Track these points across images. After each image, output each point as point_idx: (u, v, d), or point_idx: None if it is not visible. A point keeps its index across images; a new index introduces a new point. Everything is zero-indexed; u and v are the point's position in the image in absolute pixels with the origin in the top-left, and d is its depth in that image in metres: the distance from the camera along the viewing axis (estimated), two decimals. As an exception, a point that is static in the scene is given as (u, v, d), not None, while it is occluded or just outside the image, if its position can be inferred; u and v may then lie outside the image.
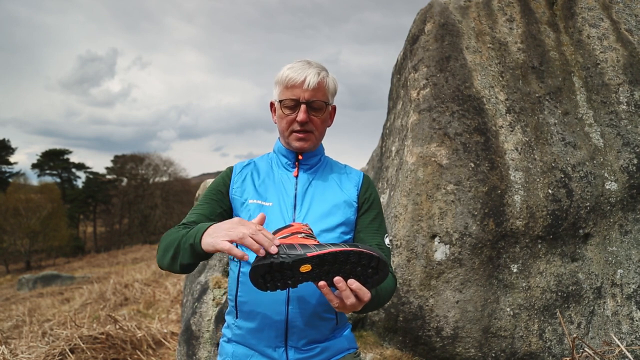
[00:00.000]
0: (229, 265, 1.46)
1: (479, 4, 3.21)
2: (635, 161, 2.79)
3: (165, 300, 7.34)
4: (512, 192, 2.68)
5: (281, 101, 1.35)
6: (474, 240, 2.60)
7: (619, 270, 2.72)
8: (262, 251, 0.97)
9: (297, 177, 1.42)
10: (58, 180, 43.50)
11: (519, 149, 2.78)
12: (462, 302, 2.58)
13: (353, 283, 1.00)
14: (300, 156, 1.43)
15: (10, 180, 39.98)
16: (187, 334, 3.02)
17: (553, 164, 2.76)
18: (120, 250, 33.16)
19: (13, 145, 40.80)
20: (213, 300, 2.98)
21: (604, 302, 2.69)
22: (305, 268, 0.97)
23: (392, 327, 2.79)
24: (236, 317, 1.34)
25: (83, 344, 3.80)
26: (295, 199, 1.37)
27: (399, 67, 3.60)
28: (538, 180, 2.72)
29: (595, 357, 2.32)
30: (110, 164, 44.78)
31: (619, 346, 2.30)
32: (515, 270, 2.63)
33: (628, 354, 2.15)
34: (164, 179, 44.08)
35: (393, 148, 3.30)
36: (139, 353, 3.99)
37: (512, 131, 2.83)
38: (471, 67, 2.96)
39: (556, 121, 2.89)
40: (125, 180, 43.81)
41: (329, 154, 1.55)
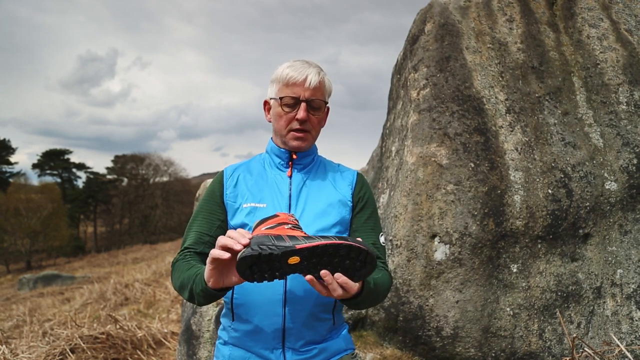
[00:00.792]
0: None
1: (478, 4, 3.22)
2: (635, 161, 2.79)
3: (166, 300, 7.35)
4: (512, 192, 2.68)
5: (281, 98, 1.34)
6: (474, 240, 2.60)
7: (618, 270, 2.73)
8: (238, 246, 0.97)
9: (290, 177, 1.40)
10: (58, 180, 43.52)
11: (519, 149, 2.78)
12: (462, 302, 2.58)
13: (339, 277, 1.00)
14: (295, 156, 1.42)
15: (10, 180, 40.00)
16: (188, 333, 3.03)
17: (553, 164, 2.77)
18: (121, 250, 33.16)
19: (13, 145, 40.82)
20: (213, 300, 2.99)
21: (604, 302, 2.69)
22: (294, 260, 0.96)
23: (392, 326, 2.80)
24: (232, 320, 1.33)
25: (83, 343, 3.80)
26: (290, 199, 1.36)
27: (399, 67, 3.61)
28: (538, 180, 2.72)
29: (595, 357, 2.32)
30: (110, 164, 44.84)
31: (618, 346, 2.30)
32: (515, 270, 2.63)
33: (628, 354, 2.15)
34: (165, 179, 44.13)
35: (393, 148, 3.31)
36: (139, 353, 3.99)
37: (512, 131, 2.83)
38: (471, 67, 2.97)
39: (556, 121, 2.89)
40: (125, 180, 43.84)
41: (329, 154, 1.55)
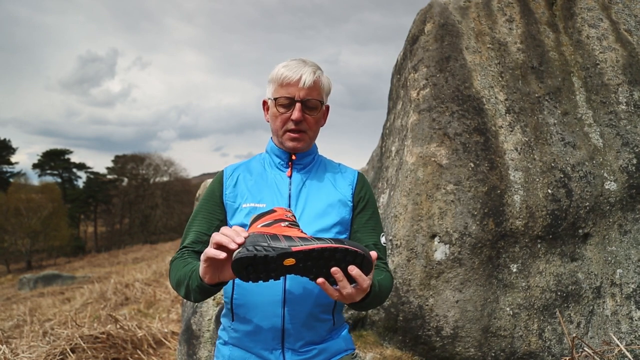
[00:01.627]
0: None
1: (478, 4, 3.22)
2: (634, 161, 2.79)
3: (166, 300, 7.35)
4: (512, 192, 2.68)
5: (276, 99, 1.33)
6: (474, 240, 2.60)
7: (618, 270, 2.73)
8: (233, 245, 0.97)
9: (290, 177, 1.40)
10: (59, 180, 43.53)
11: (519, 149, 2.78)
12: (462, 301, 2.59)
13: (353, 269, 0.99)
14: (294, 156, 1.41)
15: (11, 180, 40.02)
16: (188, 333, 3.03)
17: (552, 164, 2.77)
18: (121, 250, 33.17)
19: (14, 145, 40.83)
20: (213, 299, 2.99)
21: (604, 302, 2.70)
22: (289, 262, 0.96)
23: (392, 326, 2.80)
24: (232, 320, 1.33)
25: (84, 343, 3.81)
26: (290, 200, 1.35)
27: (398, 67, 3.61)
28: (537, 180, 2.72)
29: (595, 357, 2.33)
30: (110, 164, 44.85)
31: (618, 346, 2.30)
32: (514, 270, 2.64)
33: (627, 354, 2.15)
34: (165, 179, 44.15)
35: (393, 148, 3.31)
36: (139, 352, 4.00)
37: (511, 131, 2.83)
38: (471, 68, 2.97)
39: (556, 121, 2.90)
40: (125, 180, 43.85)
41: (329, 154, 1.54)
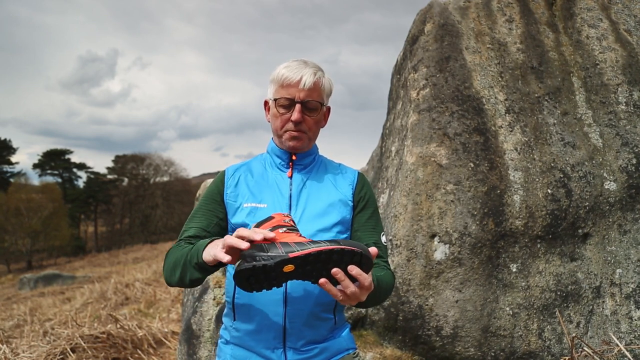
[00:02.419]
0: (227, 268, 1.46)
1: (478, 4, 3.22)
2: (634, 161, 2.79)
3: (166, 300, 7.36)
4: (512, 192, 2.69)
5: (276, 100, 1.34)
6: (474, 240, 2.61)
7: (617, 270, 2.73)
8: (244, 244, 0.97)
9: (291, 177, 1.40)
10: (59, 180, 43.54)
11: (519, 149, 2.79)
12: (462, 301, 2.59)
13: (353, 269, 1.00)
14: (294, 156, 1.42)
15: (11, 180, 40.04)
16: (188, 333, 3.04)
17: (552, 164, 2.77)
18: (121, 250, 33.18)
19: (14, 145, 40.85)
20: (214, 299, 2.99)
21: (603, 302, 2.70)
22: (289, 268, 0.96)
23: (392, 326, 2.80)
24: (234, 319, 1.34)
25: (84, 343, 3.81)
26: (290, 200, 1.36)
27: (398, 67, 3.61)
28: (537, 180, 2.73)
29: (595, 357, 2.33)
30: (111, 164, 44.85)
31: (618, 345, 2.31)
32: (514, 270, 2.64)
33: (627, 353, 2.15)
34: (165, 179, 44.16)
35: (393, 148, 3.31)
36: (139, 352, 4.00)
37: (511, 131, 2.84)
38: (471, 68, 2.97)
39: (555, 121, 2.90)
40: (126, 180, 43.86)
41: (329, 154, 1.55)
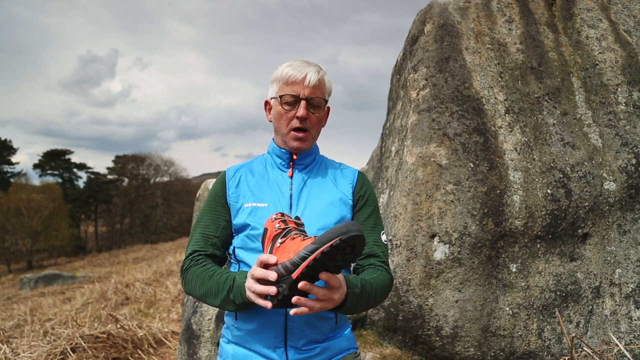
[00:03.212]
0: (229, 267, 1.46)
1: (478, 5, 3.23)
2: (633, 161, 2.80)
3: (166, 300, 7.35)
4: (511, 192, 2.69)
5: (281, 97, 1.35)
6: (473, 240, 2.61)
7: (617, 270, 2.73)
8: (272, 289, 1.05)
9: (291, 177, 1.42)
10: (59, 180, 43.57)
11: (518, 149, 2.79)
12: (462, 301, 2.59)
13: (322, 274, 1.04)
14: (295, 156, 1.43)
15: (12, 180, 40.07)
16: (188, 333, 3.04)
17: (552, 164, 2.78)
18: (122, 250, 33.17)
19: (14, 146, 40.91)
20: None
21: (603, 302, 2.70)
22: (302, 286, 1.02)
23: (392, 326, 2.81)
24: (235, 319, 1.34)
25: (84, 343, 3.82)
26: (291, 199, 1.37)
27: (398, 67, 3.62)
28: (537, 180, 2.73)
29: (594, 356, 2.33)
30: (111, 164, 44.87)
31: (617, 345, 2.31)
32: (514, 270, 2.64)
33: (627, 353, 2.16)
34: (165, 179, 44.17)
35: (393, 148, 3.32)
36: (140, 352, 4.01)
37: (511, 131, 2.84)
38: (470, 68, 2.98)
39: (555, 121, 2.90)
40: (126, 180, 43.87)
41: (329, 154, 1.56)
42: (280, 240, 1.11)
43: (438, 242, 2.66)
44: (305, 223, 1.30)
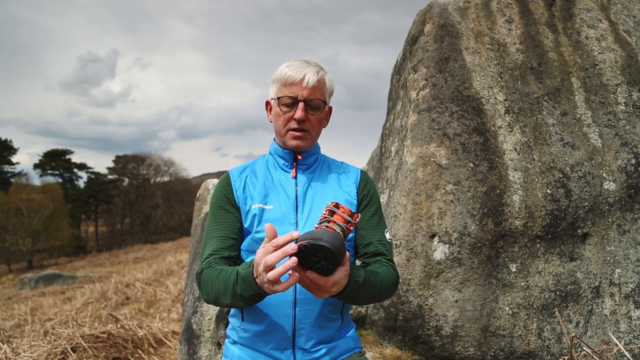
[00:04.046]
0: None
1: (478, 5, 3.23)
2: (633, 161, 2.80)
3: (167, 300, 7.36)
4: (511, 192, 2.69)
5: (279, 98, 1.34)
6: (473, 240, 2.61)
7: (617, 270, 2.74)
8: (291, 247, 1.00)
9: (295, 177, 1.41)
10: (60, 180, 43.61)
11: (518, 149, 2.79)
12: (461, 301, 2.60)
13: (310, 274, 1.03)
14: (300, 156, 1.42)
15: (12, 180, 40.10)
16: (188, 333, 3.05)
17: (552, 164, 2.78)
18: (122, 250, 33.19)
19: (15, 146, 40.95)
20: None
21: (602, 302, 2.71)
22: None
23: (392, 326, 2.81)
24: (242, 320, 1.33)
25: (85, 342, 3.82)
26: (297, 200, 1.36)
27: (398, 67, 3.62)
28: (537, 180, 2.73)
29: (594, 356, 2.33)
30: (111, 164, 44.91)
31: (617, 345, 2.31)
32: (514, 270, 2.65)
33: (626, 353, 2.16)
34: (165, 179, 44.20)
35: (392, 148, 3.32)
36: (140, 352, 4.01)
37: (510, 131, 2.84)
38: (470, 68, 2.98)
39: (555, 121, 2.91)
40: (126, 180, 43.90)
41: (329, 154, 1.56)
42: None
43: (438, 242, 2.66)
44: (312, 223, 1.29)
